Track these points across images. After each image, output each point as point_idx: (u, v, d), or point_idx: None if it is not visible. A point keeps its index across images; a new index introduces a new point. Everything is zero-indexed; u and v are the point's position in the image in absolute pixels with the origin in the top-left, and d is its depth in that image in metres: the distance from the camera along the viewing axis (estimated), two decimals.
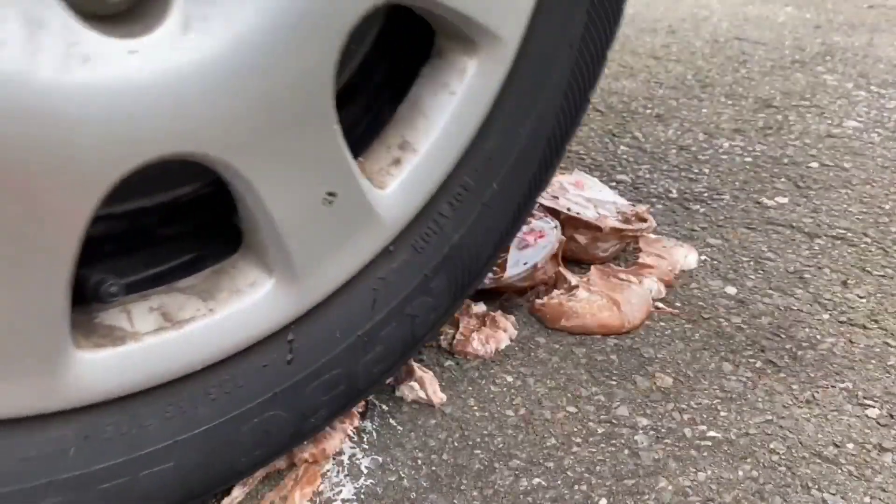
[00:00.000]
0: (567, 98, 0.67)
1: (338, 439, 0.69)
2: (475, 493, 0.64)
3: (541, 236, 0.89)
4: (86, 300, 0.50)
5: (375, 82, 0.63)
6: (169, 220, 0.58)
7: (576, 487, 0.65)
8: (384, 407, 0.74)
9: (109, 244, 0.54)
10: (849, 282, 0.94)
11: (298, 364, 0.59)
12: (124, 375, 0.51)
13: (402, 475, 0.66)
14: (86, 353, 0.49)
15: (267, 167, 0.51)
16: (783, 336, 0.84)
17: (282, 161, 0.51)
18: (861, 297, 0.91)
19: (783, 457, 0.68)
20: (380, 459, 0.68)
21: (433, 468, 0.67)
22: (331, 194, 0.55)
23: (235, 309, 0.54)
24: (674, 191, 1.15)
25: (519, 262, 0.86)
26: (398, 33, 0.62)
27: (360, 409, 0.73)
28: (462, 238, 0.65)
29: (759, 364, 0.80)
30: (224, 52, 0.45)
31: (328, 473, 0.66)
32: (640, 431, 0.71)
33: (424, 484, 0.65)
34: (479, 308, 0.85)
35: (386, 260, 0.61)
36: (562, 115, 0.67)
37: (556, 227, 0.90)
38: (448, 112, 0.59)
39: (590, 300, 0.85)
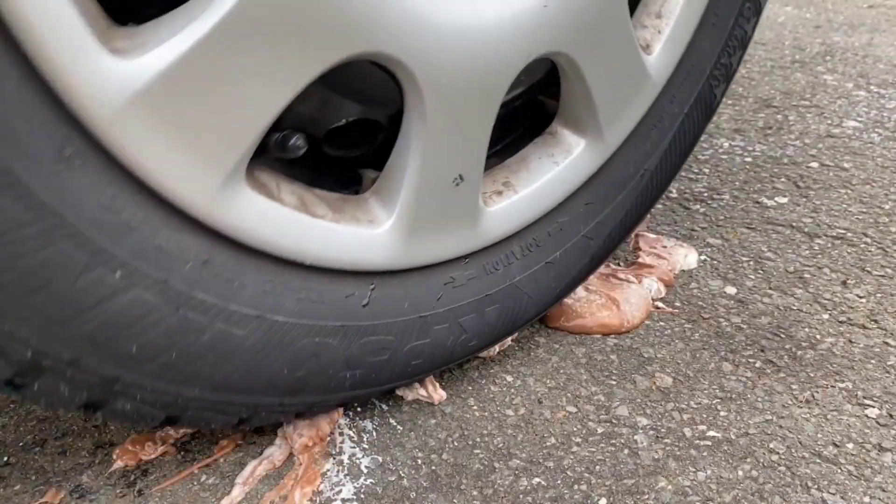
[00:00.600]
0: (635, 205, 0.81)
1: (326, 423, 0.69)
2: (475, 493, 0.65)
3: None
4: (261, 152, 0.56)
5: (499, 131, 0.74)
6: (337, 135, 0.64)
7: (575, 487, 0.65)
8: (384, 407, 0.74)
9: (288, 121, 0.58)
10: (848, 282, 0.94)
11: (368, 312, 0.64)
12: (259, 225, 0.56)
13: (402, 475, 0.66)
14: (246, 188, 0.55)
15: (445, 122, 0.60)
16: (783, 336, 0.84)
17: (456, 126, 0.61)
18: (861, 297, 0.91)
19: (783, 456, 0.69)
20: (380, 459, 0.68)
21: (433, 468, 0.67)
22: (461, 178, 0.64)
23: (351, 232, 0.60)
24: (674, 191, 1.15)
25: None
26: (526, 111, 0.78)
27: (357, 406, 0.73)
28: (522, 282, 0.74)
29: (758, 364, 0.80)
30: (484, 17, 0.59)
31: (328, 473, 0.66)
32: (640, 431, 0.71)
33: (424, 483, 0.65)
34: None
35: (460, 267, 0.69)
36: (626, 218, 0.81)
37: None
38: (547, 176, 0.72)
39: (589, 299, 0.85)
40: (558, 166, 0.73)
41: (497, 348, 0.80)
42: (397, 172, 0.62)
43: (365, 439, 0.70)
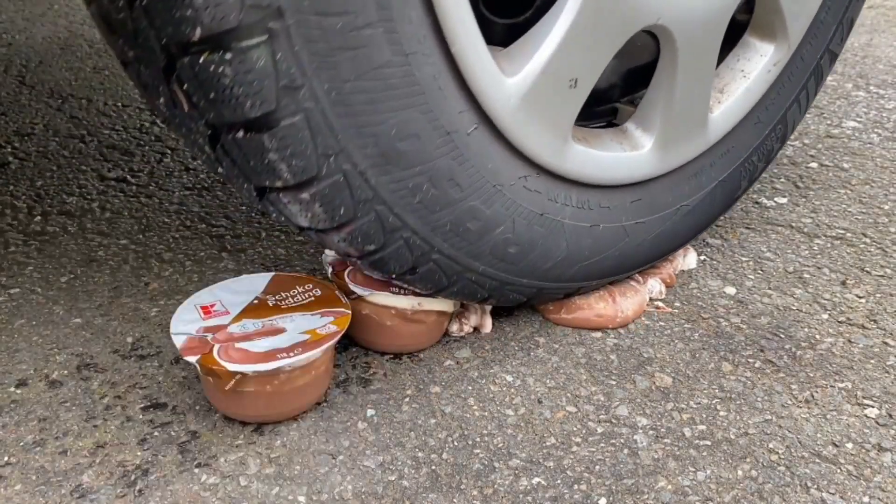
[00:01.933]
0: (663, 234, 0.87)
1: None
2: (475, 493, 0.65)
3: None
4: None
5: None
6: None
7: (575, 487, 0.65)
8: (384, 406, 0.74)
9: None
10: (848, 282, 0.94)
11: (467, 141, 0.66)
12: None
13: (403, 474, 0.66)
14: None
15: (586, 23, 0.66)
16: (782, 336, 0.84)
17: (591, 31, 0.67)
18: (860, 297, 0.91)
19: (782, 456, 0.69)
20: (380, 459, 0.68)
21: (433, 468, 0.67)
22: (575, 83, 0.69)
23: (484, 59, 0.64)
24: None
25: None
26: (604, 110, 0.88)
27: (357, 405, 0.73)
28: (568, 227, 0.78)
29: (758, 364, 0.80)
30: None
31: (328, 473, 0.66)
32: (640, 431, 0.71)
33: (424, 483, 0.66)
34: None
35: (533, 173, 0.73)
36: (656, 240, 0.87)
37: None
38: (614, 153, 0.79)
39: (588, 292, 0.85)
40: (624, 152, 0.80)
41: (489, 322, 0.81)
42: (531, 41, 0.66)
43: (365, 439, 0.70)
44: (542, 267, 0.77)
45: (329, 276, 0.81)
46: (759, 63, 0.87)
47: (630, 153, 0.80)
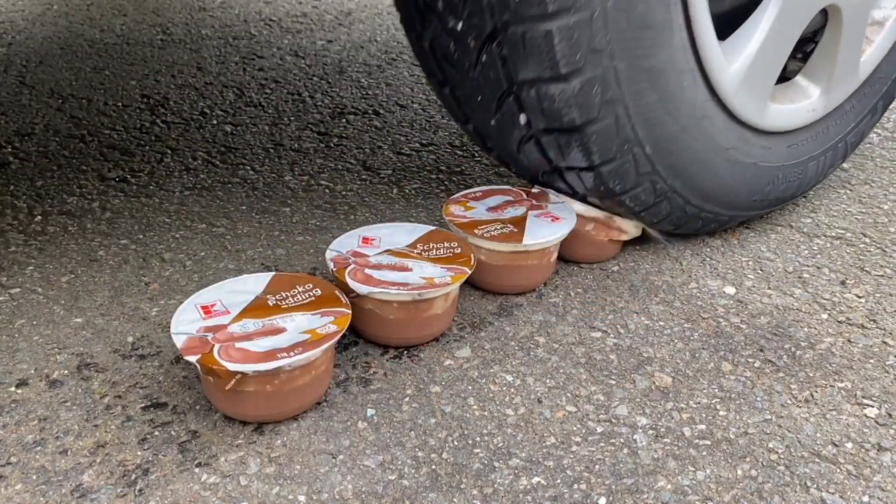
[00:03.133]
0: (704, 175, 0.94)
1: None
2: (475, 492, 0.65)
3: (556, 219, 0.90)
4: None
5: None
6: None
7: (575, 486, 0.65)
8: (384, 406, 0.74)
9: None
10: (847, 282, 0.94)
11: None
12: None
13: (403, 474, 0.66)
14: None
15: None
16: (782, 335, 0.84)
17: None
18: (860, 297, 0.91)
19: (782, 456, 0.69)
20: (380, 458, 0.68)
21: (433, 467, 0.67)
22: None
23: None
24: None
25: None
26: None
27: (357, 405, 0.73)
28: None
29: (757, 363, 0.80)
30: None
31: (328, 472, 0.66)
32: (640, 430, 0.71)
33: (425, 483, 0.66)
34: None
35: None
36: (713, 183, 0.95)
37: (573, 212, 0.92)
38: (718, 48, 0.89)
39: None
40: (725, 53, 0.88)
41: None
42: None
43: (365, 439, 0.70)
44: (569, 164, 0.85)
45: (331, 272, 0.81)
46: (803, 101, 0.98)
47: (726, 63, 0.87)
